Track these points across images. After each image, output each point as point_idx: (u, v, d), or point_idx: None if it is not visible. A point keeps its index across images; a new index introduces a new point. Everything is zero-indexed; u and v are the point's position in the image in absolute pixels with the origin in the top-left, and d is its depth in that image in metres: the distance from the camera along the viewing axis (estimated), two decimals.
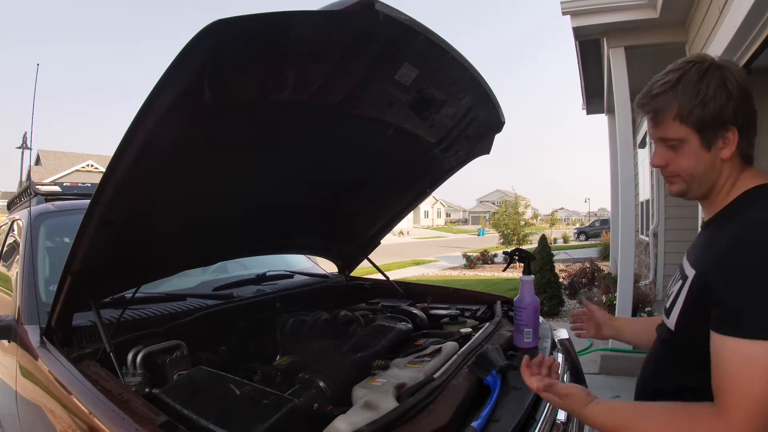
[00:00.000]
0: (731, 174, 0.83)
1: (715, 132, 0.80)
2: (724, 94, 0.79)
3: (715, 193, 0.85)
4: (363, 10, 0.95)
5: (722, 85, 0.79)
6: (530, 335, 1.40)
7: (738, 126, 0.80)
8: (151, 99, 0.90)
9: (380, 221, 2.22)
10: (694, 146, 0.82)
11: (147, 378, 1.20)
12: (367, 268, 2.59)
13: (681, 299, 0.82)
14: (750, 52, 2.53)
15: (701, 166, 0.83)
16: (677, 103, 0.80)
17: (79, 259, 1.16)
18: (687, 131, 0.81)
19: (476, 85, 1.43)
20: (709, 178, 0.84)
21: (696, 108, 0.79)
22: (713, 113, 0.79)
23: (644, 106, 0.87)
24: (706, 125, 0.80)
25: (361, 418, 0.95)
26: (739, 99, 0.79)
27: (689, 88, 0.80)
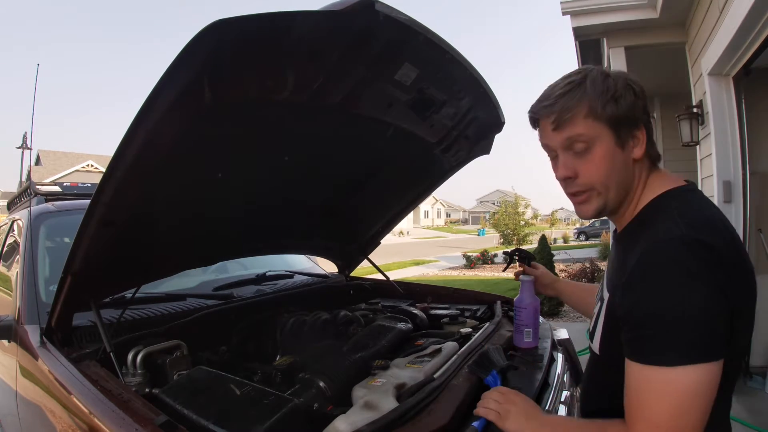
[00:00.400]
0: (642, 176, 0.80)
1: (629, 129, 0.77)
2: (632, 92, 0.76)
3: (628, 202, 0.81)
4: (363, 10, 0.95)
5: (628, 84, 0.77)
6: (530, 335, 1.40)
7: (645, 124, 0.78)
8: (151, 99, 0.90)
9: (380, 221, 2.22)
10: (608, 146, 0.76)
11: (147, 378, 1.20)
12: (367, 268, 2.59)
13: (600, 323, 0.81)
14: (750, 52, 2.53)
15: (616, 170, 0.77)
16: (587, 100, 0.75)
17: (79, 259, 1.16)
18: (601, 128, 0.75)
19: (476, 85, 1.43)
20: (625, 184, 0.79)
21: (609, 103, 0.75)
22: (626, 109, 0.75)
23: (548, 108, 0.78)
24: (620, 121, 0.76)
25: (361, 418, 0.95)
26: (643, 98, 0.77)
27: (598, 85, 0.75)
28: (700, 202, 0.76)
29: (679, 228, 0.67)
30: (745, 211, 2.83)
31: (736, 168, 2.84)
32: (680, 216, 0.70)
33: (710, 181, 3.03)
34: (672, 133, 4.40)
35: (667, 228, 0.69)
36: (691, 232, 0.66)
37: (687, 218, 0.69)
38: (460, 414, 0.99)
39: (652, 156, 0.81)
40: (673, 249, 0.66)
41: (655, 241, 0.68)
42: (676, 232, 0.67)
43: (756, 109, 3.08)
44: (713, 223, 0.70)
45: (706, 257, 0.64)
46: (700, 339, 0.63)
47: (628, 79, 0.77)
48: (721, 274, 0.65)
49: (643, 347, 0.66)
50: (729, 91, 2.87)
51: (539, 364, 1.30)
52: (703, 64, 2.99)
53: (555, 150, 0.80)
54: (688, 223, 0.68)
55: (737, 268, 0.68)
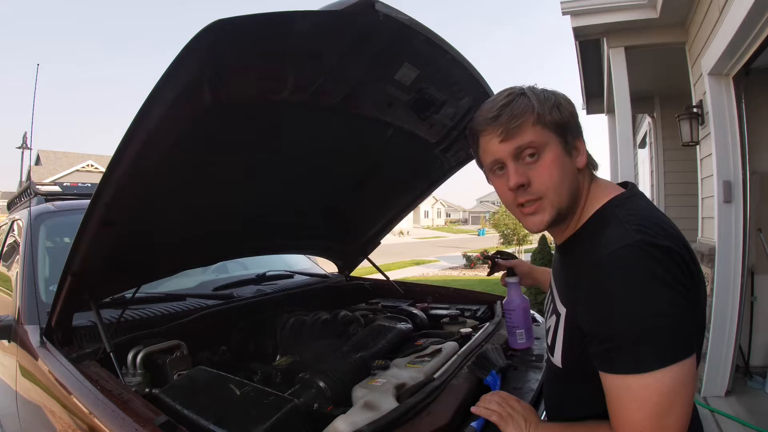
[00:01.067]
0: (585, 186, 0.81)
1: (573, 137, 0.79)
2: (568, 103, 0.80)
3: (575, 211, 0.80)
4: (363, 10, 0.95)
5: (562, 98, 0.80)
6: (523, 336, 1.39)
7: (581, 136, 0.81)
8: (151, 99, 0.90)
9: (380, 221, 2.22)
10: (556, 152, 0.77)
11: (147, 378, 1.20)
12: (367, 268, 2.59)
13: (560, 337, 0.80)
14: (750, 52, 2.53)
15: (567, 177, 0.77)
16: (533, 107, 0.76)
17: (79, 259, 1.16)
18: (549, 135, 0.76)
19: (476, 85, 1.43)
20: (575, 192, 0.79)
21: (553, 110, 0.77)
22: (567, 117, 0.78)
23: (494, 119, 0.77)
24: (565, 128, 0.78)
25: (361, 418, 0.95)
26: (576, 113, 0.81)
27: (538, 94, 0.78)
28: (643, 207, 0.76)
29: (631, 235, 0.67)
30: (745, 211, 2.83)
31: (736, 168, 2.83)
32: (629, 223, 0.70)
33: (710, 181, 3.03)
34: (672, 133, 4.40)
35: (619, 236, 0.68)
36: (645, 237, 0.66)
37: (636, 224, 0.69)
38: (460, 414, 0.99)
39: (592, 166, 0.83)
40: (631, 256, 0.65)
41: (610, 251, 0.67)
42: (629, 239, 0.67)
43: (756, 109, 3.08)
44: (661, 226, 0.70)
45: (664, 259, 0.65)
46: (672, 341, 0.63)
47: (559, 95, 0.81)
48: (680, 273, 0.66)
49: (616, 358, 0.65)
50: (729, 91, 2.86)
51: (539, 364, 1.30)
52: (703, 64, 2.99)
53: (502, 161, 0.79)
54: (638, 229, 0.68)
55: (690, 266, 0.68)
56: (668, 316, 0.63)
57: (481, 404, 0.93)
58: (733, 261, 2.84)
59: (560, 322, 0.80)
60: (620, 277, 0.66)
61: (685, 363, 0.63)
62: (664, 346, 0.63)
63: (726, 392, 2.85)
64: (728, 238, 2.85)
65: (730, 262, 2.84)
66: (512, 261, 1.40)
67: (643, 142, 6.60)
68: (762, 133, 3.19)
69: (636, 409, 0.64)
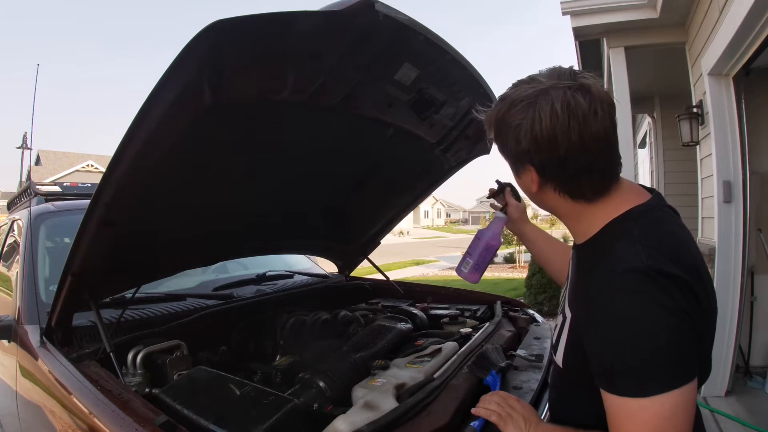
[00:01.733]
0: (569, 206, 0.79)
1: (521, 164, 0.80)
2: (514, 134, 0.78)
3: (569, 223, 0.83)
4: (363, 10, 0.95)
5: (518, 125, 0.77)
6: (468, 267, 1.24)
7: (537, 165, 0.78)
8: (151, 99, 0.91)
9: (380, 221, 2.22)
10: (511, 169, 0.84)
11: (147, 378, 1.20)
12: (367, 268, 2.59)
13: (564, 338, 0.80)
14: (750, 52, 2.53)
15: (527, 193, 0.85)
16: (486, 127, 0.86)
17: (79, 259, 1.16)
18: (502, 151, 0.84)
19: (476, 85, 1.43)
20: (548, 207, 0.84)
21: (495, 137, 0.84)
22: (507, 149, 0.80)
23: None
24: (513, 156, 0.81)
25: (361, 418, 0.95)
26: (532, 143, 0.75)
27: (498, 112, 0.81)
28: (662, 221, 0.73)
29: (641, 258, 0.65)
30: (745, 211, 2.83)
31: (736, 168, 2.83)
32: (642, 243, 0.68)
33: (710, 181, 3.03)
34: (672, 133, 4.40)
35: (628, 256, 0.67)
36: (652, 263, 0.65)
37: (648, 246, 0.67)
38: (460, 414, 1.00)
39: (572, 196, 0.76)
40: (636, 281, 0.64)
41: (617, 273, 0.66)
42: (638, 262, 0.65)
43: (756, 109, 3.08)
44: (675, 250, 0.68)
45: (669, 287, 0.64)
46: (673, 367, 0.63)
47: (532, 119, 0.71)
48: (685, 302, 0.64)
49: (617, 380, 0.65)
50: (729, 91, 2.86)
51: (539, 364, 1.30)
52: (703, 64, 2.99)
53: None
54: (649, 253, 0.66)
55: (698, 292, 0.67)
56: (670, 342, 0.63)
57: (481, 405, 0.93)
58: (733, 261, 2.84)
59: (566, 325, 0.79)
60: (624, 302, 0.65)
61: (685, 388, 0.63)
62: (665, 372, 0.62)
63: (726, 392, 2.85)
64: (728, 238, 2.85)
65: (730, 262, 2.84)
66: (513, 201, 1.25)
67: (643, 142, 6.61)
68: (762, 133, 3.19)
69: (634, 430, 0.63)
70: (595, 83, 0.70)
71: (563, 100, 0.68)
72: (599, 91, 0.69)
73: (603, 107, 0.69)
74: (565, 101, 0.68)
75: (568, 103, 0.68)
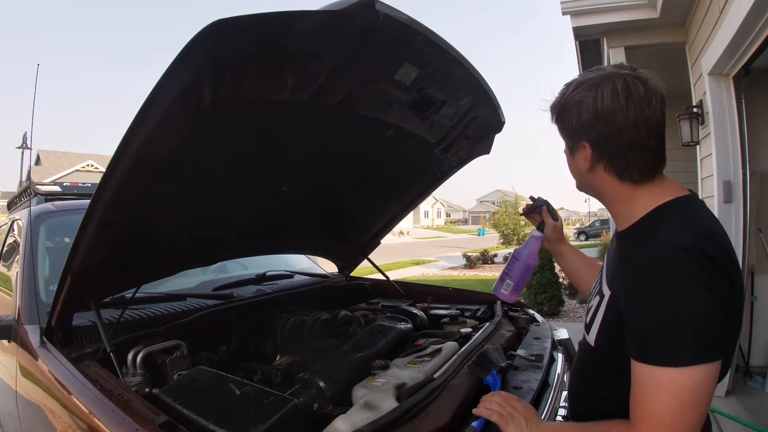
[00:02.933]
0: (616, 188, 0.84)
1: (577, 139, 0.85)
2: (578, 110, 0.83)
3: (613, 207, 0.87)
4: (363, 10, 0.95)
5: (581, 101, 0.83)
6: (509, 288, 1.26)
7: (592, 142, 0.83)
8: (151, 99, 0.90)
9: (380, 221, 2.22)
10: (566, 150, 0.89)
11: (147, 378, 1.20)
12: (367, 268, 2.59)
13: (599, 317, 0.83)
14: (750, 52, 2.53)
15: (575, 173, 0.90)
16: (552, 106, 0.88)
17: (79, 259, 1.16)
18: (562, 133, 0.88)
19: (476, 85, 1.43)
20: (592, 190, 0.89)
21: (558, 115, 0.87)
22: (568, 126, 0.85)
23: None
24: (572, 131, 0.86)
25: (361, 418, 0.95)
26: (593, 119, 0.82)
27: (564, 92, 0.86)
28: (702, 212, 0.79)
29: (684, 238, 0.71)
30: (745, 211, 2.83)
31: (736, 168, 2.83)
32: (686, 226, 0.73)
33: (710, 181, 3.03)
34: (672, 133, 4.38)
35: (672, 236, 0.72)
36: (697, 243, 0.70)
37: (691, 228, 0.72)
38: (460, 414, 1.00)
39: (621, 176, 0.82)
40: (680, 258, 0.69)
41: (662, 249, 0.71)
42: (681, 242, 0.70)
43: (756, 109, 3.08)
44: (714, 235, 0.74)
45: (710, 267, 0.68)
46: (705, 342, 0.67)
47: (595, 96, 0.78)
48: (722, 283, 0.69)
49: (651, 350, 0.69)
50: (729, 91, 2.86)
51: (539, 364, 1.30)
52: (703, 64, 2.99)
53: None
54: (692, 234, 0.71)
55: (733, 277, 0.72)
56: (705, 318, 0.67)
57: (482, 405, 0.94)
58: None
59: (602, 303, 0.83)
60: (668, 276, 0.69)
61: (710, 366, 0.67)
62: (696, 346, 0.67)
63: (726, 392, 2.85)
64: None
65: None
66: (551, 221, 1.25)
67: None
68: (762, 133, 3.19)
69: (657, 400, 0.67)
70: (653, 77, 0.79)
71: (624, 83, 0.77)
72: (655, 84, 0.78)
73: (657, 98, 0.77)
74: (626, 85, 0.76)
75: (627, 86, 0.76)
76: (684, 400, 0.66)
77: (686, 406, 0.66)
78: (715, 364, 0.67)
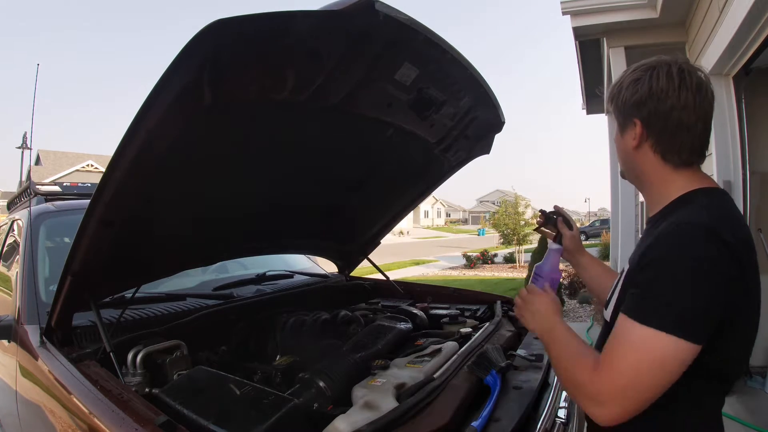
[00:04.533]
0: (657, 170, 0.87)
1: (625, 119, 0.87)
2: (634, 88, 0.86)
3: (647, 189, 0.90)
4: (363, 10, 0.95)
5: (637, 80, 0.86)
6: None
7: (643, 119, 0.84)
8: (151, 99, 0.90)
9: (380, 221, 2.22)
10: (616, 130, 0.91)
11: (147, 378, 1.20)
12: (367, 268, 2.59)
13: (616, 292, 0.86)
14: (750, 52, 2.53)
15: (621, 155, 0.92)
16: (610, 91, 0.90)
17: (79, 259, 1.16)
18: (615, 116, 0.91)
19: (476, 84, 1.43)
20: (634, 170, 0.91)
21: (615, 95, 0.88)
22: (622, 103, 0.87)
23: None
24: (621, 111, 0.88)
25: (361, 418, 0.95)
26: (649, 97, 0.84)
27: (623, 75, 0.90)
28: (727, 203, 0.81)
29: (702, 217, 0.73)
30: (745, 211, 2.83)
31: (736, 168, 2.84)
32: (708, 209, 0.76)
33: None
34: None
35: (692, 214, 0.75)
36: (713, 224, 0.72)
37: (712, 212, 0.75)
38: (460, 414, 1.00)
39: (665, 156, 0.84)
40: (694, 233, 0.72)
41: (679, 223, 0.74)
42: (699, 220, 0.73)
43: (756, 109, 3.08)
44: (734, 223, 0.75)
45: (720, 251, 0.70)
46: (691, 318, 0.69)
47: (650, 76, 0.83)
48: (731, 269, 0.70)
49: (638, 305, 0.72)
50: (729, 91, 2.86)
51: (539, 363, 1.30)
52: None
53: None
54: (711, 216, 0.74)
55: (746, 267, 0.73)
56: (699, 294, 0.69)
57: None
58: None
59: (620, 278, 0.86)
60: (677, 246, 0.72)
61: (688, 346, 0.68)
62: (681, 318, 0.68)
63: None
64: None
65: None
66: (567, 231, 1.20)
67: None
68: (762, 133, 3.19)
69: (624, 353, 0.71)
70: (706, 74, 0.83)
71: (679, 69, 0.81)
72: (707, 77, 0.82)
73: (707, 89, 0.82)
74: (680, 70, 0.81)
75: (682, 71, 0.81)
76: (645, 363, 0.69)
77: (646, 369, 0.69)
78: (691, 347, 0.68)
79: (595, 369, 0.74)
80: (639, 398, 0.70)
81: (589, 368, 0.75)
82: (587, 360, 0.77)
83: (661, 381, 0.70)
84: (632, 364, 0.70)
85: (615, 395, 0.71)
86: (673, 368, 0.69)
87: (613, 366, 0.72)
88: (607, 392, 0.72)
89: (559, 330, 0.87)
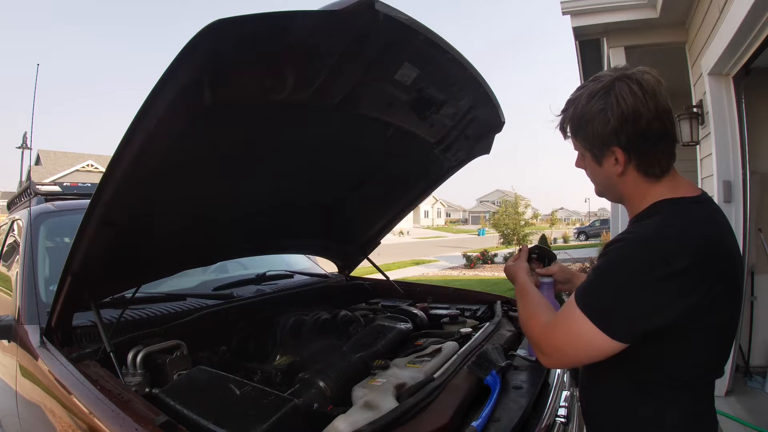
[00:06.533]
0: (637, 185, 0.89)
1: (600, 149, 0.88)
2: (605, 116, 0.84)
3: (626, 202, 0.93)
4: (363, 10, 0.95)
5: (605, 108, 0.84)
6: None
7: (623, 145, 0.84)
8: (151, 99, 0.90)
9: (380, 221, 2.22)
10: (589, 160, 0.91)
11: (147, 378, 1.20)
12: (367, 268, 2.59)
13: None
14: (750, 52, 2.53)
15: (600, 181, 0.94)
16: (568, 122, 0.91)
17: (79, 259, 1.16)
18: (581, 146, 0.91)
19: (476, 84, 1.43)
20: (615, 192, 0.93)
21: (579, 128, 0.88)
22: (592, 135, 0.87)
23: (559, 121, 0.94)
24: (592, 143, 0.88)
25: (361, 418, 0.95)
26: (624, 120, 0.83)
27: (578, 108, 0.88)
28: (697, 215, 0.82)
29: (649, 232, 0.79)
30: (745, 211, 2.83)
31: (736, 168, 2.83)
32: (662, 222, 0.80)
33: (710, 181, 3.03)
34: None
35: (647, 228, 0.81)
36: (656, 242, 0.77)
37: (663, 227, 0.79)
38: (460, 414, 1.00)
39: (647, 171, 0.87)
40: (634, 248, 0.79)
41: (633, 233, 0.82)
42: (645, 234, 0.80)
43: (756, 109, 3.08)
44: (692, 238, 0.77)
45: (655, 262, 0.75)
46: (612, 316, 0.79)
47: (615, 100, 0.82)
48: (663, 282, 0.75)
49: (584, 290, 0.83)
50: (729, 91, 2.86)
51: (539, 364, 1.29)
52: (703, 63, 2.99)
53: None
54: (665, 226, 0.79)
55: (716, 287, 0.76)
56: (623, 301, 0.78)
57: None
58: None
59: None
60: (623, 253, 0.80)
61: (602, 336, 0.78)
62: (606, 313, 0.79)
63: (726, 392, 2.85)
64: None
65: None
66: (551, 268, 1.19)
67: None
68: (762, 133, 3.19)
69: (562, 323, 0.85)
70: (649, 70, 0.86)
71: (634, 82, 0.82)
72: (655, 76, 0.85)
73: (660, 89, 0.83)
74: (636, 82, 0.82)
75: (639, 83, 0.82)
76: (574, 336, 0.82)
77: (574, 341, 0.82)
78: (608, 339, 0.78)
79: (545, 325, 0.88)
80: (570, 358, 0.86)
81: (541, 323, 0.90)
82: (541, 317, 0.91)
83: (587, 353, 0.82)
84: (566, 332, 0.83)
85: (552, 350, 0.87)
86: (594, 351, 0.81)
87: (554, 329, 0.86)
88: (546, 346, 0.87)
89: (528, 289, 1.02)
